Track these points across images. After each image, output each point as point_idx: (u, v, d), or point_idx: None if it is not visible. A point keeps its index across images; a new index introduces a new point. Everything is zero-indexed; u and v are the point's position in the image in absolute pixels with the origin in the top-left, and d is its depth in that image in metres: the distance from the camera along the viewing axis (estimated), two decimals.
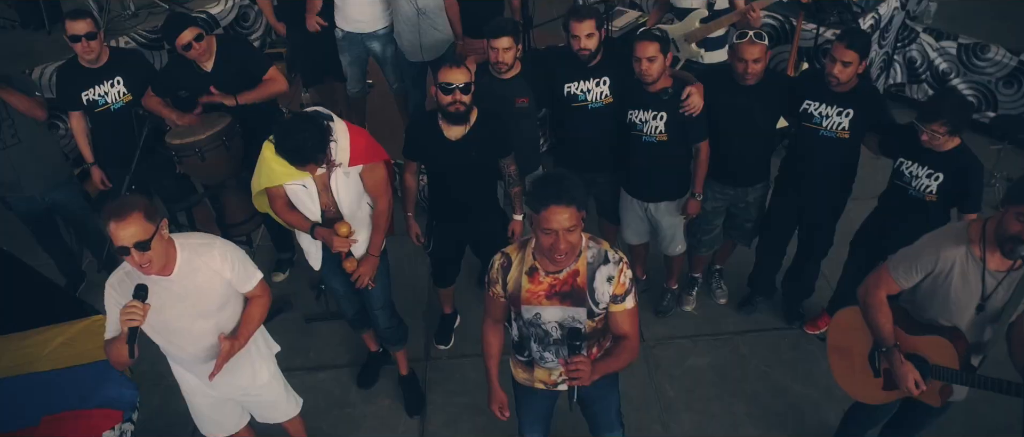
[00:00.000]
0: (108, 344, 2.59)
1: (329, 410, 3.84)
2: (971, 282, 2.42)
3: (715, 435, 3.56)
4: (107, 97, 3.90)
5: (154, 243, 2.41)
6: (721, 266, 4.27)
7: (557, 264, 2.43)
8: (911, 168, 3.12)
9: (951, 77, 5.30)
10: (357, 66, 4.86)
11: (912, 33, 5.34)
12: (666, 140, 3.49)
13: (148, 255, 2.41)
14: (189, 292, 2.61)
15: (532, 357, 2.69)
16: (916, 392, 2.51)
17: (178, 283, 2.58)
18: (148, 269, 2.46)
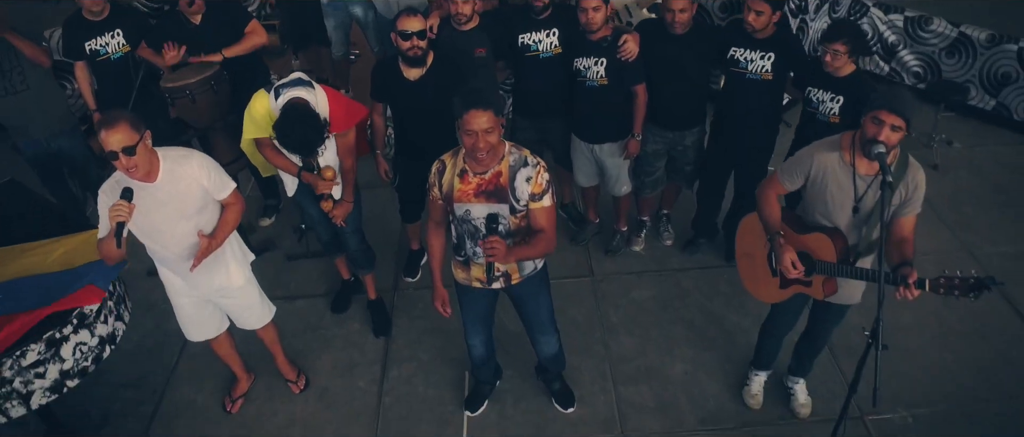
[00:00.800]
0: (100, 243, 3.00)
1: (304, 332, 4.25)
2: (844, 186, 2.79)
3: (652, 354, 3.95)
4: (107, 48, 4.35)
5: (139, 150, 2.83)
6: (668, 211, 4.66)
7: (480, 163, 2.84)
8: (817, 94, 3.52)
9: (899, 48, 5.68)
10: (341, 30, 5.32)
11: (863, 7, 5.72)
12: (607, 84, 3.89)
13: (134, 160, 2.82)
14: (171, 197, 3.02)
15: (467, 256, 3.10)
16: (793, 272, 2.87)
17: (161, 189, 2.99)
18: (134, 174, 2.87)
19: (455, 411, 3.72)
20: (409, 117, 3.89)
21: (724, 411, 3.61)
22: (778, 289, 3.12)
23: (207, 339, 3.59)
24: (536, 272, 3.18)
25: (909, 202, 2.75)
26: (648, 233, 4.66)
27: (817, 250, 2.90)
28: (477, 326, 3.40)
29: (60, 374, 3.16)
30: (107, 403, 3.93)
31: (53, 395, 3.18)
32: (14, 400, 3.08)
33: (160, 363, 4.14)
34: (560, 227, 4.78)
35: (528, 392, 3.78)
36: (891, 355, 3.66)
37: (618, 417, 3.62)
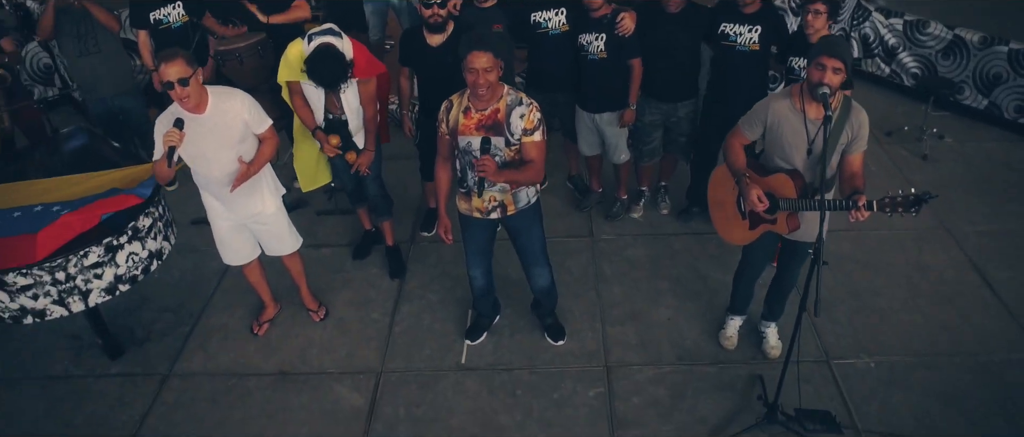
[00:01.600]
0: (155, 164, 3.51)
1: (327, 274, 4.71)
2: (797, 130, 3.16)
3: (639, 301, 4.31)
4: (169, 17, 4.92)
5: (192, 82, 3.33)
6: (665, 183, 5.04)
7: (481, 100, 3.28)
8: (799, 62, 3.93)
9: (899, 51, 6.00)
10: (378, 16, 5.86)
11: (865, 12, 6.08)
12: (606, 58, 4.32)
13: (187, 90, 3.32)
14: (217, 127, 3.51)
15: (469, 186, 3.53)
16: (759, 205, 3.20)
17: (209, 120, 3.49)
18: (186, 103, 3.37)
19: (457, 340, 4.13)
20: (431, 79, 4.35)
21: (700, 350, 3.96)
22: (748, 230, 3.48)
23: (241, 263, 4.06)
24: (529, 205, 3.59)
25: (856, 140, 3.11)
26: (646, 203, 5.04)
27: (779, 189, 3.26)
28: (477, 257, 3.82)
29: (114, 277, 3.67)
30: (150, 324, 4.42)
31: (107, 296, 3.68)
32: (75, 295, 3.58)
33: (198, 295, 4.63)
34: (565, 196, 5.23)
35: (524, 327, 4.17)
36: (861, 312, 4.03)
37: (603, 351, 3.99)
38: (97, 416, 3.85)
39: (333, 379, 3.96)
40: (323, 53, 3.77)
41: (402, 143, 5.62)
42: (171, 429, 3.75)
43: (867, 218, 2.98)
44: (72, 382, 4.07)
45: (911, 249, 4.58)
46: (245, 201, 3.75)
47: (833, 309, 4.15)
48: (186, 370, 4.09)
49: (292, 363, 4.07)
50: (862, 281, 4.35)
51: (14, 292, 3.46)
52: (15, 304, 3.51)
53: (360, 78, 3.97)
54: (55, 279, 3.49)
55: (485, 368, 3.95)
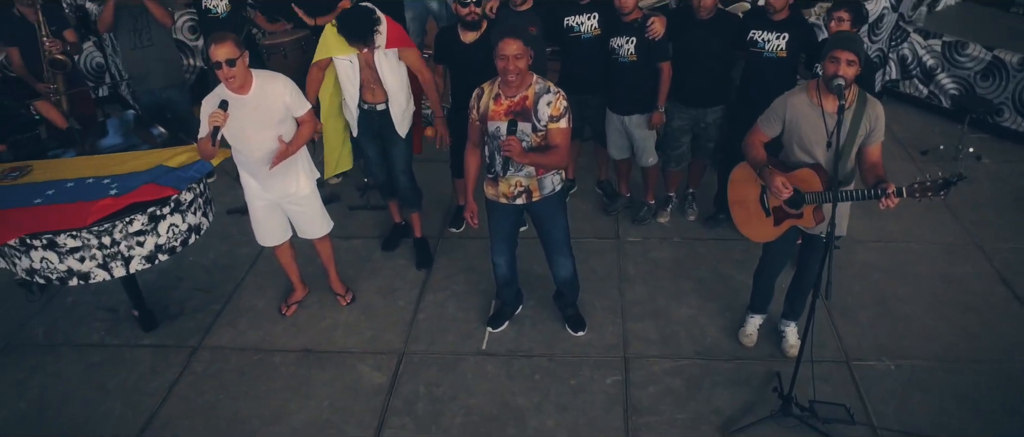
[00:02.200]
0: (199, 142, 3.82)
1: (356, 263, 4.98)
2: (815, 124, 3.34)
3: (661, 300, 4.49)
4: (218, 8, 5.35)
5: (238, 63, 3.65)
6: (693, 190, 5.23)
7: (510, 86, 3.54)
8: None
9: (937, 72, 6.15)
10: (418, 22, 6.20)
11: (904, 33, 6.24)
12: (636, 61, 4.56)
13: (233, 71, 3.64)
14: (259, 108, 3.82)
15: (497, 172, 3.77)
16: (785, 193, 3.36)
17: (252, 101, 3.80)
18: (231, 83, 3.69)
19: (479, 328, 4.34)
20: (464, 75, 4.63)
21: (719, 347, 4.11)
22: (772, 226, 3.65)
23: (273, 244, 4.35)
24: (554, 193, 3.82)
25: (873, 132, 3.30)
26: (674, 208, 5.23)
27: (804, 183, 3.43)
28: (502, 244, 4.05)
29: (155, 247, 3.97)
30: (183, 301, 4.72)
31: (147, 264, 3.98)
32: (118, 260, 3.90)
33: (230, 278, 4.93)
34: (594, 200, 5.46)
35: (545, 318, 4.37)
36: (884, 317, 4.17)
37: (623, 344, 4.16)
38: (130, 381, 4.13)
39: (356, 358, 4.20)
40: (355, 9, 4.11)
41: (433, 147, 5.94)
42: (199, 396, 4.01)
43: (896, 205, 3.15)
44: (107, 350, 4.37)
45: (939, 261, 4.68)
46: (281, 180, 4.04)
47: (855, 313, 4.27)
48: (215, 344, 4.37)
49: (317, 342, 4.32)
50: (887, 288, 4.46)
51: (63, 253, 3.78)
52: (63, 266, 3.82)
53: (397, 47, 4.26)
54: (101, 243, 3.80)
55: (505, 354, 4.16)
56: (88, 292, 4.85)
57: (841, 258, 4.71)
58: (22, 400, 4.06)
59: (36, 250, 3.78)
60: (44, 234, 3.73)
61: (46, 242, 3.75)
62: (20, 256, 3.83)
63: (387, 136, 4.57)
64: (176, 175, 4.06)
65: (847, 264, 4.68)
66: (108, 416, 3.93)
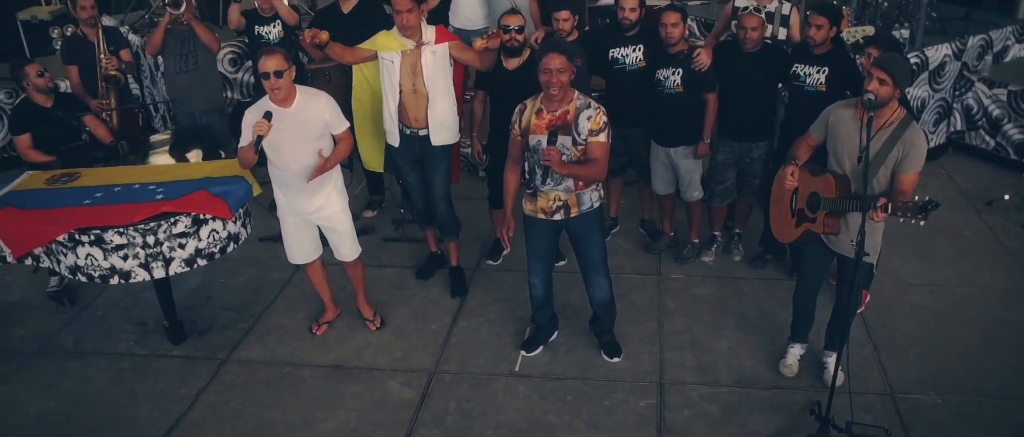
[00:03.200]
0: (241, 150, 4.45)
1: (389, 290, 5.52)
2: (852, 136, 3.83)
3: (700, 332, 4.92)
4: (269, 35, 6.12)
5: (285, 76, 4.29)
6: (739, 230, 5.71)
7: (553, 100, 4.12)
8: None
9: (1003, 122, 6.61)
10: None
11: (968, 82, 6.76)
12: (682, 92, 5.14)
13: (280, 82, 4.27)
14: (300, 122, 4.43)
15: (536, 187, 4.31)
16: (789, 183, 3.95)
17: (294, 115, 4.42)
18: (277, 94, 4.32)
19: (512, 351, 4.81)
20: (504, 103, 5.23)
21: (758, 376, 4.51)
22: (793, 227, 4.17)
23: (305, 261, 4.88)
24: (592, 209, 4.35)
25: (907, 158, 3.76)
26: (719, 248, 5.70)
27: (823, 189, 3.94)
28: (538, 263, 4.56)
29: (195, 250, 4.56)
30: (212, 318, 5.29)
31: (186, 267, 4.57)
32: (159, 261, 4.49)
33: (260, 299, 5.50)
34: (637, 239, 5.97)
35: (580, 345, 4.83)
36: (934, 354, 4.59)
37: (658, 370, 4.59)
38: (157, 389, 4.66)
39: (386, 375, 4.69)
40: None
41: (472, 185, 6.55)
42: (226, 404, 4.52)
43: (882, 219, 3.63)
44: (136, 359, 4.93)
45: (996, 306, 5.05)
46: (312, 194, 4.58)
47: (903, 351, 4.65)
48: (244, 357, 4.90)
49: (347, 359, 4.83)
50: (938, 328, 4.84)
51: (109, 250, 4.39)
52: (107, 263, 4.43)
53: (444, 42, 4.92)
54: (145, 242, 4.40)
55: (538, 376, 4.61)
56: (118, 306, 5.46)
57: (891, 298, 5.12)
58: (51, 400, 4.61)
59: (82, 246, 4.39)
60: (92, 229, 4.35)
61: (94, 238, 4.36)
62: (66, 252, 4.44)
63: (428, 162, 5.17)
64: (224, 189, 4.67)
65: (897, 305, 5.08)
66: (135, 419, 4.45)
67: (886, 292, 5.20)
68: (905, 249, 5.70)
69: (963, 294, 5.20)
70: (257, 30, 6.16)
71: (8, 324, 5.31)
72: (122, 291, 5.62)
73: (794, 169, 4.02)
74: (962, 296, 5.18)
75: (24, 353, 5.03)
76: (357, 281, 5.08)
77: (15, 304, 5.56)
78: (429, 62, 4.90)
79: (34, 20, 8.52)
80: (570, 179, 4.19)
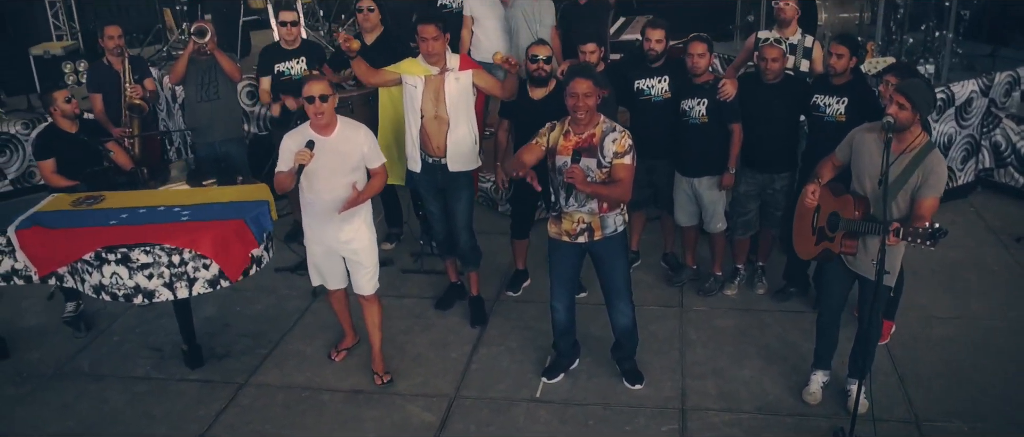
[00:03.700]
0: (279, 174, 4.75)
1: (409, 319, 5.80)
2: (875, 158, 4.12)
3: (722, 361, 5.17)
4: (292, 70, 6.50)
5: (329, 102, 4.63)
6: (763, 263, 5.98)
7: (579, 123, 4.46)
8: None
9: None
10: None
11: (995, 119, 7.07)
12: (707, 122, 5.48)
13: (323, 107, 4.60)
14: (338, 152, 4.74)
15: (560, 209, 4.62)
16: (809, 201, 4.27)
17: (333, 143, 4.73)
18: (319, 119, 4.63)
19: (533, 379, 5.07)
20: (529, 132, 5.57)
21: (781, 403, 4.75)
22: (813, 245, 4.47)
23: (332, 288, 5.16)
24: (616, 233, 4.65)
25: (926, 184, 4.06)
26: (742, 281, 5.98)
27: (843, 209, 4.24)
28: (561, 288, 4.85)
29: (218, 272, 4.87)
30: (229, 344, 5.59)
31: (208, 288, 4.86)
32: (183, 281, 4.79)
33: (277, 327, 5.80)
34: (659, 273, 6.25)
35: (601, 373, 5.08)
36: (961, 385, 4.88)
37: (680, 397, 4.84)
38: (175, 411, 4.94)
39: (406, 399, 4.95)
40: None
41: (491, 219, 6.88)
42: (245, 425, 4.79)
43: (896, 244, 3.91)
44: (153, 382, 5.22)
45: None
46: (341, 225, 4.86)
47: (929, 382, 4.88)
48: (262, 382, 5.19)
49: (366, 384, 5.10)
50: (965, 360, 5.08)
51: (134, 269, 4.70)
52: (132, 281, 4.73)
53: (464, 69, 5.30)
54: (171, 261, 4.71)
55: (559, 402, 4.86)
56: (134, 332, 5.77)
57: (917, 331, 5.38)
58: (70, 420, 4.90)
59: (108, 264, 4.71)
60: (119, 248, 4.68)
61: (120, 256, 4.68)
62: (92, 271, 4.76)
63: (450, 192, 5.50)
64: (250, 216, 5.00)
65: (924, 338, 5.33)
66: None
67: (912, 325, 5.45)
68: (933, 284, 5.96)
69: (991, 327, 5.44)
70: (278, 67, 6.49)
71: (25, 348, 5.62)
72: (137, 318, 5.94)
73: (816, 187, 4.32)
74: (990, 329, 5.42)
75: (42, 375, 5.32)
76: (374, 327, 5.17)
77: (31, 329, 5.87)
78: (452, 88, 5.27)
79: (46, 55, 8.97)
80: (594, 201, 4.51)
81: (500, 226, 6.80)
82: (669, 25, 5.70)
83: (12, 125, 7.46)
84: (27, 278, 4.99)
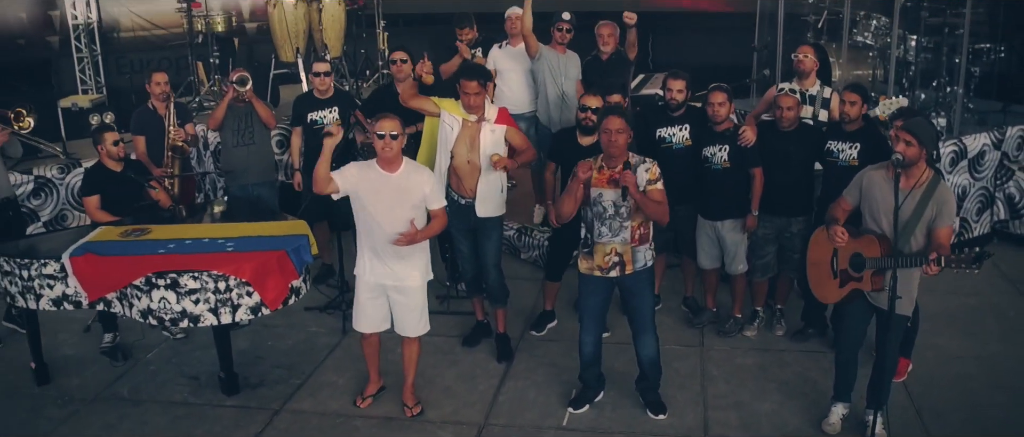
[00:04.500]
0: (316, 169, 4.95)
1: (436, 355, 6.12)
2: (886, 196, 4.49)
3: (744, 395, 5.47)
4: (325, 119, 6.96)
5: (398, 140, 4.97)
6: (781, 306, 6.32)
7: (612, 157, 4.87)
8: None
9: None
10: None
11: (1008, 171, 7.47)
12: (729, 167, 5.88)
13: (393, 144, 4.93)
14: (400, 189, 5.07)
15: (592, 242, 4.99)
16: (840, 239, 4.58)
17: (396, 180, 5.07)
18: (387, 153, 4.94)
19: (559, 409, 5.38)
20: None
21: (801, 433, 5.05)
22: (838, 288, 4.78)
23: (368, 331, 5.38)
24: (645, 268, 5.03)
25: (940, 215, 4.45)
26: (761, 324, 6.30)
27: (866, 249, 4.58)
28: (591, 323, 5.20)
29: (260, 301, 5.23)
30: (263, 374, 5.92)
31: (251, 315, 5.25)
32: (227, 307, 5.16)
33: (309, 360, 6.12)
34: (679, 316, 6.58)
35: (626, 404, 5.39)
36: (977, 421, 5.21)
37: (703, 427, 5.13)
38: (214, 432, 5.26)
39: (437, 427, 5.26)
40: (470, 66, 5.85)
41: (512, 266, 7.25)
42: None
43: (936, 272, 4.26)
44: (191, 407, 5.54)
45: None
46: (397, 263, 5.15)
47: (947, 415, 5.17)
48: (297, 408, 5.50)
49: (398, 413, 5.40)
50: (983, 397, 5.38)
51: (182, 294, 5.08)
52: (179, 306, 5.11)
53: (503, 125, 5.75)
54: (217, 287, 5.09)
55: (585, 430, 5.16)
56: (169, 362, 6.12)
57: (935, 370, 5.68)
58: None
59: (158, 289, 5.09)
60: (168, 273, 5.06)
61: (169, 281, 5.06)
62: (141, 296, 5.13)
63: (480, 231, 5.90)
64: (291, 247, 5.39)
65: (941, 375, 5.64)
66: None
67: (929, 363, 5.75)
68: (951, 328, 6.29)
69: (1009, 368, 5.75)
70: (311, 117, 6.96)
71: (65, 374, 5.95)
72: (172, 349, 6.29)
73: (842, 230, 4.66)
74: (1008, 369, 5.73)
75: (83, 399, 5.65)
76: (410, 362, 5.45)
77: (69, 358, 6.21)
78: (487, 139, 5.72)
79: (74, 108, 9.47)
80: (626, 231, 4.91)
81: (522, 272, 7.18)
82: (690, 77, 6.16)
83: (49, 169, 7.89)
84: (77, 303, 5.38)
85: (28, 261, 5.34)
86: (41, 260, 5.33)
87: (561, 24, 7.20)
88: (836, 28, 8.83)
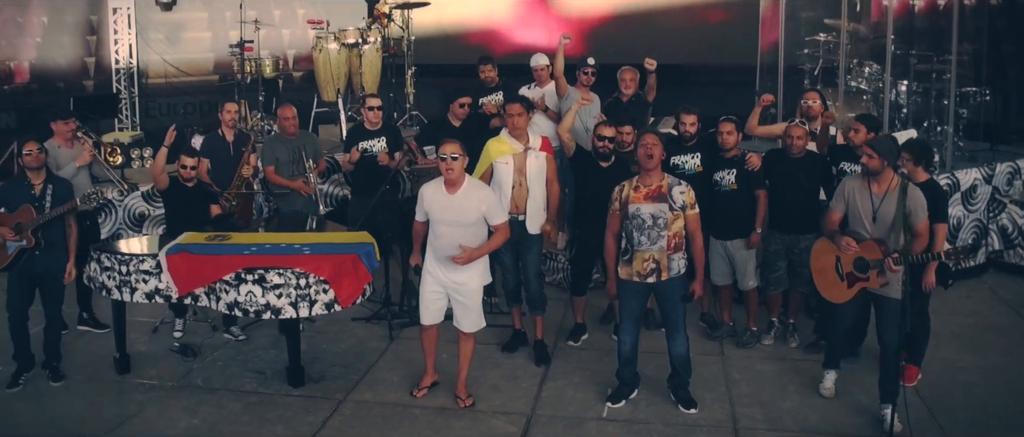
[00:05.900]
0: (416, 225, 5.90)
1: (478, 359, 6.70)
2: (864, 201, 5.39)
3: (766, 395, 6.19)
4: (374, 148, 7.75)
5: (459, 161, 5.70)
6: (794, 320, 7.08)
7: (647, 173, 5.65)
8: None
9: None
10: None
11: (1000, 205, 8.35)
12: (736, 189, 6.68)
13: (454, 165, 5.67)
14: (462, 206, 5.79)
15: (632, 250, 5.75)
16: (851, 248, 5.39)
17: (458, 198, 5.79)
18: (449, 174, 5.69)
19: (598, 403, 6.07)
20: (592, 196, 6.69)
21: (823, 424, 5.76)
22: (846, 289, 5.59)
23: (429, 322, 6.10)
24: (679, 274, 5.77)
25: (913, 212, 5.33)
26: (777, 334, 7.05)
27: (868, 253, 5.40)
28: (630, 323, 5.93)
29: (333, 298, 5.95)
30: (323, 371, 6.58)
31: (325, 310, 5.94)
32: (306, 302, 5.87)
33: (363, 360, 6.80)
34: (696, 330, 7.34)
35: (659, 401, 6.08)
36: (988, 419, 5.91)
37: (732, 420, 5.85)
38: (286, 416, 5.92)
39: (488, 415, 5.94)
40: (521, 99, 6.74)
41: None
42: (351, 429, 5.77)
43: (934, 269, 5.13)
44: (262, 396, 6.21)
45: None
46: (457, 269, 5.87)
47: (958, 413, 5.88)
48: (358, 399, 6.18)
49: (452, 403, 6.08)
50: (990, 401, 6.08)
51: (268, 288, 5.79)
52: (264, 299, 5.81)
53: (543, 151, 6.59)
54: (298, 284, 5.81)
55: (624, 420, 5.87)
56: (235, 358, 6.79)
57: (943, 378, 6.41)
58: (195, 419, 5.88)
59: (246, 284, 5.80)
60: (257, 269, 5.79)
61: (257, 277, 5.78)
62: (230, 290, 5.84)
63: (523, 243, 6.65)
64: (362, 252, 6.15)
65: (950, 381, 6.36)
66: (273, 434, 5.73)
67: (938, 371, 6.47)
68: (955, 343, 7.02)
69: (1015, 376, 6.49)
70: (362, 145, 7.76)
71: (142, 367, 6.62)
72: (236, 348, 6.99)
73: (850, 239, 5.48)
74: (1013, 378, 6.47)
75: (162, 387, 6.32)
76: (464, 357, 6.15)
77: (143, 354, 6.86)
78: (532, 164, 6.57)
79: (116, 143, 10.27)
80: (663, 240, 5.65)
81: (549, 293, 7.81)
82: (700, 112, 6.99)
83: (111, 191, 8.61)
84: (167, 297, 6.09)
85: (128, 257, 6.07)
86: (139, 256, 6.05)
87: (586, 67, 8.01)
88: (831, 75, 9.89)
